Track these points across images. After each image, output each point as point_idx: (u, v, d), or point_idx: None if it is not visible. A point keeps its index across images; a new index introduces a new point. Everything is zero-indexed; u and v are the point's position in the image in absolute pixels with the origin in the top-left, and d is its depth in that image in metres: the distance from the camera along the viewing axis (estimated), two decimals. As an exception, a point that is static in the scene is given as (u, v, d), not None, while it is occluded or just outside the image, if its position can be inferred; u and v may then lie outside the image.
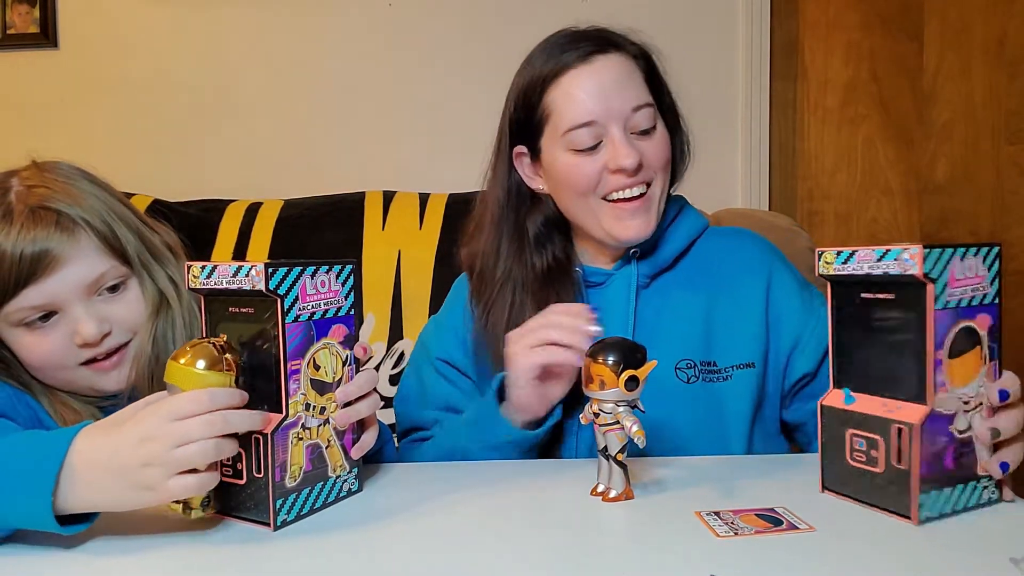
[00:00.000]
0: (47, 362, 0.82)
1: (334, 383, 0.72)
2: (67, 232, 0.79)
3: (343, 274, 0.73)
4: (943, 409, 0.64)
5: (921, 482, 0.64)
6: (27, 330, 0.81)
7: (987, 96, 1.85)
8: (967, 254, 0.65)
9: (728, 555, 0.59)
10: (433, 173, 1.76)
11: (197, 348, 0.65)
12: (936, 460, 0.65)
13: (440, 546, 0.63)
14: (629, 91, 0.90)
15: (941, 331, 0.64)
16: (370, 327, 1.40)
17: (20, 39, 1.87)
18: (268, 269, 0.64)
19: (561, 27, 0.98)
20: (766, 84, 1.85)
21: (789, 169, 1.90)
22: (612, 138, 0.89)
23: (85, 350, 0.82)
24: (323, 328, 0.70)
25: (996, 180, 1.86)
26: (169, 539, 0.65)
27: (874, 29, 1.89)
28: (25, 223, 0.78)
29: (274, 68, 1.86)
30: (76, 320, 0.81)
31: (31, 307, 0.79)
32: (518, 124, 0.96)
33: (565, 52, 0.92)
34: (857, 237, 1.92)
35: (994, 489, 0.68)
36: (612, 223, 0.92)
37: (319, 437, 0.71)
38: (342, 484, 0.74)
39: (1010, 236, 1.85)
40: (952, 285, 0.64)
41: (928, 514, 0.64)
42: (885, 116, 1.90)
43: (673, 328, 0.94)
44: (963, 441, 0.66)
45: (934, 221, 1.90)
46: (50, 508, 0.59)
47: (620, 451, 0.71)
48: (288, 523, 0.67)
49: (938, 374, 0.64)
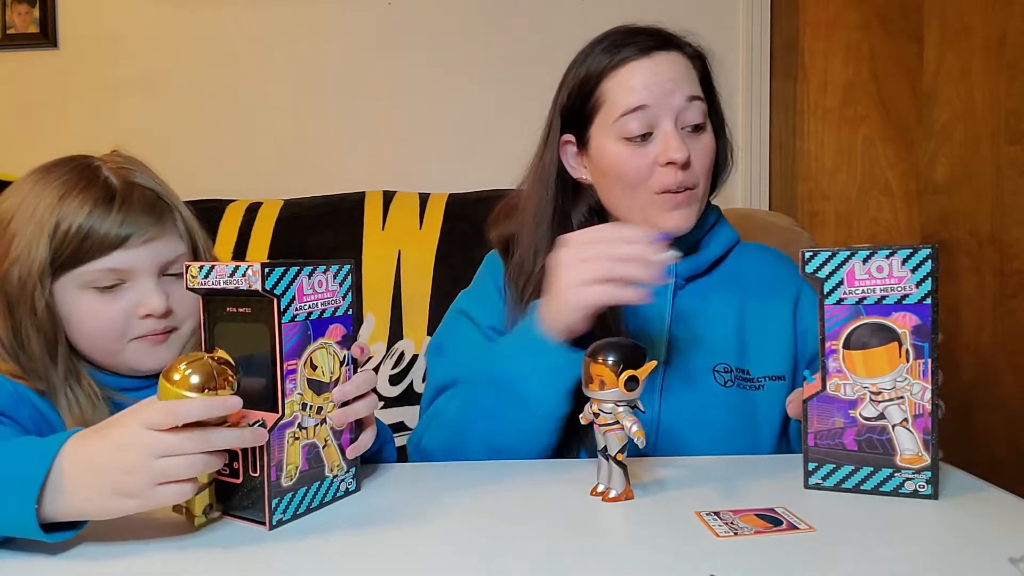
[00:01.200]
0: (106, 330, 0.83)
1: (331, 383, 0.72)
2: (160, 211, 0.84)
3: (341, 274, 0.73)
4: (838, 394, 0.72)
5: (811, 452, 0.74)
6: (96, 293, 0.82)
7: (987, 96, 1.85)
8: (872, 256, 0.70)
9: (728, 555, 0.59)
10: (433, 173, 1.76)
11: (192, 365, 0.62)
12: (831, 437, 0.73)
13: (440, 546, 0.63)
14: (684, 84, 0.92)
15: (836, 324, 0.72)
16: (370, 327, 1.40)
17: (20, 39, 1.87)
18: (264, 269, 0.64)
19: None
20: (766, 84, 1.85)
21: (789, 169, 1.90)
22: (664, 131, 0.90)
23: (145, 322, 0.83)
24: (320, 328, 0.70)
25: (996, 180, 1.86)
26: (165, 539, 0.64)
27: (874, 29, 1.88)
28: (127, 196, 0.82)
29: (274, 68, 1.86)
30: (145, 293, 0.83)
31: (111, 269, 0.81)
32: (570, 112, 0.97)
33: (625, 46, 0.93)
34: (857, 237, 1.92)
35: (925, 484, 0.69)
36: (657, 213, 0.92)
37: (316, 437, 0.71)
38: (339, 484, 0.74)
39: (1010, 236, 1.85)
40: (850, 283, 0.71)
41: (817, 481, 0.74)
42: (885, 116, 1.90)
43: (709, 331, 0.95)
44: (871, 428, 0.71)
45: (934, 221, 1.90)
46: (34, 516, 0.57)
47: (620, 451, 0.71)
48: (284, 522, 0.67)
49: (832, 361, 0.72)
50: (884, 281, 0.70)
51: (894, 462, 0.71)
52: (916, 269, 0.69)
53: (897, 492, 0.71)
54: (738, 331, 0.97)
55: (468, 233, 1.43)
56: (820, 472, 0.74)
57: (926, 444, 0.69)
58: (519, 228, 1.00)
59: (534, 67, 1.76)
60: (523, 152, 1.10)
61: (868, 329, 0.71)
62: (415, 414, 1.38)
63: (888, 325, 0.70)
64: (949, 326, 1.87)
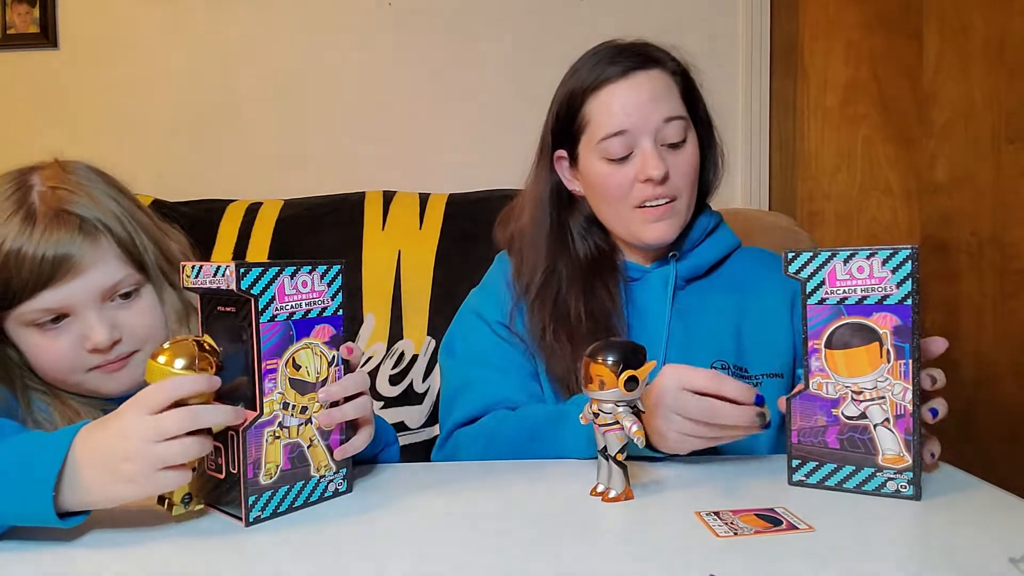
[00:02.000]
0: (56, 365, 0.82)
1: (318, 383, 0.71)
2: (89, 238, 0.79)
3: (329, 275, 0.72)
4: (820, 392, 0.73)
5: (795, 450, 0.75)
6: (38, 331, 0.80)
7: (987, 96, 1.85)
8: (853, 257, 0.70)
9: (728, 555, 0.59)
10: (433, 173, 1.76)
11: (176, 345, 0.66)
12: (814, 435, 0.74)
13: (439, 546, 0.63)
14: (663, 104, 0.96)
15: (819, 323, 0.73)
16: (370, 327, 1.40)
17: (20, 39, 1.87)
18: (240, 270, 0.65)
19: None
20: (766, 84, 1.85)
21: (789, 169, 1.90)
22: (643, 149, 0.95)
23: (94, 355, 0.81)
24: (305, 328, 0.70)
25: (996, 180, 1.86)
26: (154, 531, 0.65)
27: (874, 29, 1.88)
28: (48, 226, 0.77)
29: (274, 68, 1.86)
30: (88, 325, 0.80)
31: (45, 309, 0.79)
32: (559, 130, 1.02)
33: (608, 66, 0.97)
34: (857, 237, 1.91)
35: (907, 484, 0.69)
36: (638, 227, 0.98)
37: (300, 436, 0.71)
38: (327, 484, 0.74)
39: (1010, 236, 1.85)
40: (831, 284, 0.72)
41: (800, 478, 0.75)
42: (885, 116, 1.90)
43: (708, 329, 0.99)
44: (853, 427, 0.72)
45: (934, 221, 1.90)
46: (51, 507, 0.60)
47: (620, 451, 0.71)
48: (263, 519, 0.68)
49: (814, 360, 0.73)
50: (865, 281, 0.70)
51: (876, 462, 0.71)
52: (896, 269, 0.69)
53: (879, 492, 0.71)
54: (736, 330, 1.00)
55: (468, 233, 1.43)
56: (803, 469, 0.75)
57: (907, 444, 0.70)
58: (520, 238, 1.05)
59: (534, 67, 1.76)
60: (523, 152, 1.10)
61: (849, 329, 0.71)
62: (415, 414, 1.38)
63: (869, 325, 0.70)
64: (949, 326, 1.87)
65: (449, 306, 1.23)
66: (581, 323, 0.96)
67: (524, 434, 0.90)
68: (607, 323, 0.96)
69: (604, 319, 0.96)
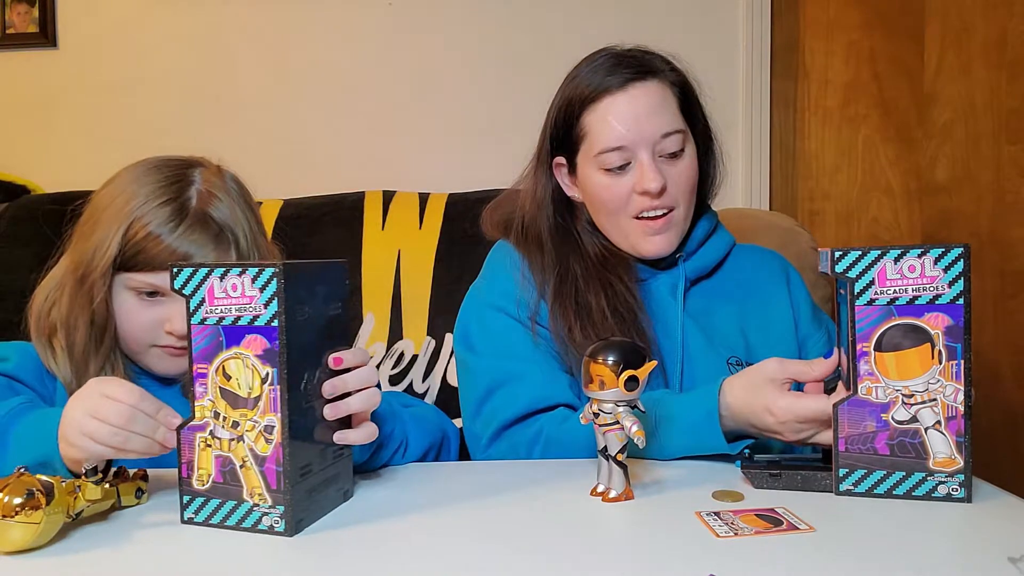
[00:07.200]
0: (133, 332, 0.89)
1: (249, 400, 0.66)
2: (221, 246, 0.88)
3: (262, 278, 0.64)
4: (869, 397, 0.70)
5: (842, 458, 0.71)
6: (135, 296, 0.87)
7: (987, 96, 1.85)
8: (904, 256, 0.69)
9: (728, 555, 0.59)
10: (433, 173, 1.76)
11: (9, 488, 0.60)
12: (862, 441, 0.71)
13: (439, 546, 0.63)
14: (661, 117, 0.96)
15: (868, 325, 0.70)
16: (370, 327, 1.40)
17: (20, 39, 1.87)
18: (173, 268, 0.66)
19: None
20: (766, 84, 1.85)
21: (789, 169, 1.90)
22: (640, 162, 0.96)
23: (168, 337, 0.88)
24: (235, 336, 0.65)
25: (996, 180, 1.86)
26: (147, 531, 0.65)
27: (874, 29, 1.88)
28: (192, 225, 0.86)
29: (274, 68, 1.86)
30: (174, 312, 0.86)
31: (152, 284, 0.86)
32: (558, 137, 1.03)
33: (607, 76, 0.97)
34: (858, 237, 1.92)
35: (958, 487, 0.69)
36: (637, 239, 1.00)
37: (232, 452, 0.66)
38: (260, 516, 0.65)
39: (1010, 236, 1.85)
40: (881, 283, 0.70)
41: (848, 487, 0.71)
42: (885, 116, 1.90)
43: (719, 327, 1.01)
44: (903, 431, 0.70)
45: (934, 221, 1.90)
46: (59, 456, 0.69)
47: (620, 451, 0.71)
48: (196, 523, 0.67)
49: (863, 363, 0.70)
50: (916, 281, 0.69)
51: (927, 466, 0.69)
52: (948, 268, 0.68)
53: (930, 496, 0.69)
54: (742, 327, 1.02)
55: (468, 233, 1.42)
56: (851, 478, 0.72)
57: (959, 446, 0.69)
58: (524, 236, 1.04)
59: (534, 67, 1.76)
60: (523, 152, 1.10)
61: (900, 330, 0.69)
62: (415, 414, 1.38)
63: (921, 326, 0.69)
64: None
65: (449, 306, 1.23)
66: (606, 319, 0.95)
67: None
68: (633, 318, 0.96)
69: (628, 314, 0.96)
